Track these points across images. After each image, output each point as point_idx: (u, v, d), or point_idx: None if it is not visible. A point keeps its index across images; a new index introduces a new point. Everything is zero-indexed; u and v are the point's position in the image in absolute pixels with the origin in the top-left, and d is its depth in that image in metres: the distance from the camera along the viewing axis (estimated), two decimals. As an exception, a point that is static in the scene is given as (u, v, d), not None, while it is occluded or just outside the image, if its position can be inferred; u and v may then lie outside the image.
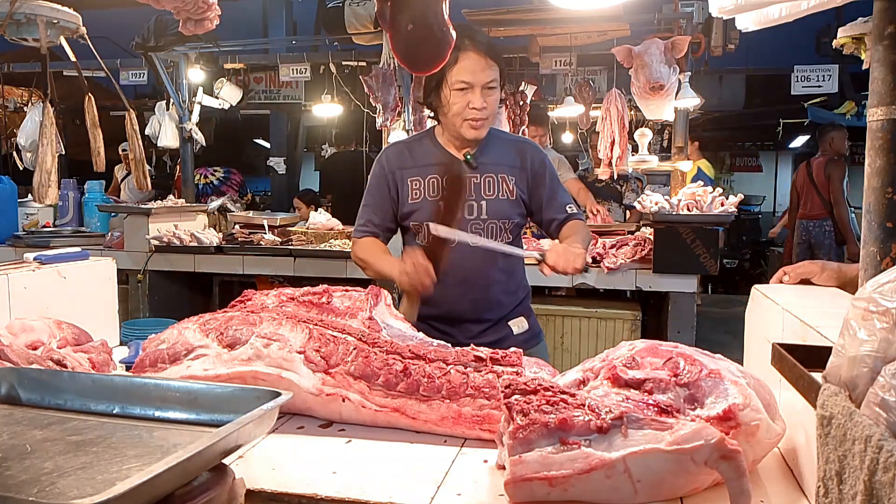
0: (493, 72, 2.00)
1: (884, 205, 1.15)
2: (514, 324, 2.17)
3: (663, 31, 4.78)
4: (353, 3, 4.99)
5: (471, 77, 1.99)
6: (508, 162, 2.14)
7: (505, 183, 2.11)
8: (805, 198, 6.79)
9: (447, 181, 2.01)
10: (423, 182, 2.12)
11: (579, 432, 1.11)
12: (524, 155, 2.16)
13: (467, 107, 2.01)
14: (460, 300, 2.09)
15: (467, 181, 2.05)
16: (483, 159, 2.13)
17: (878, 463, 0.70)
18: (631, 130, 5.05)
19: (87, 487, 0.90)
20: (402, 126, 5.38)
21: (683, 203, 4.02)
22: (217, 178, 6.98)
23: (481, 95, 2.00)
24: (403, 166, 2.16)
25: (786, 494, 1.21)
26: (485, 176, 2.11)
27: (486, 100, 2.01)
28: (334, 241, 4.78)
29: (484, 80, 1.99)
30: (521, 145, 2.22)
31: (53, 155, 2.68)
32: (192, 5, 2.18)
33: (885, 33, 1.15)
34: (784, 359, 1.02)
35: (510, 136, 2.30)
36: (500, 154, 2.15)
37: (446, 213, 1.93)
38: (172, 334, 1.58)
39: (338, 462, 1.31)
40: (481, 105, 2.00)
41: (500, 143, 2.19)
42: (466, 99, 2.01)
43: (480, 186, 2.10)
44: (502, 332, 2.15)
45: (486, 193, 2.10)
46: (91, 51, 2.79)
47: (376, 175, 2.22)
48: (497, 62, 2.02)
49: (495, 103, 2.05)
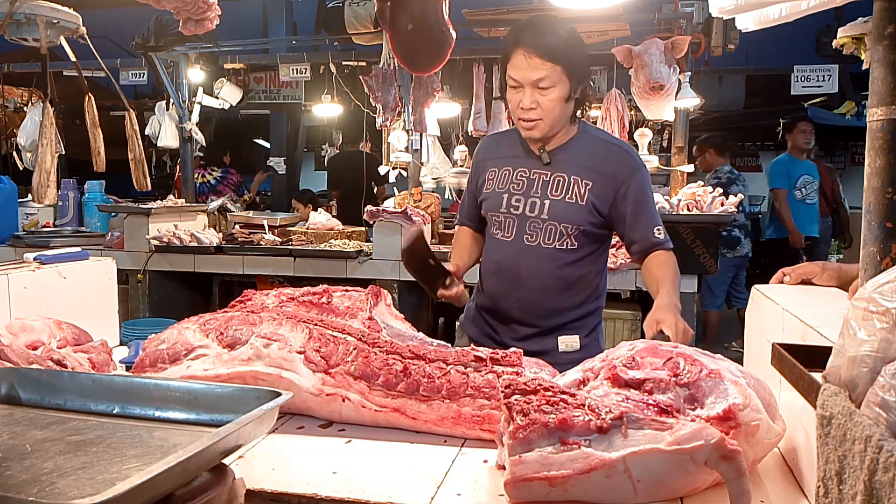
0: (543, 71, 1.88)
1: (884, 205, 1.15)
2: (563, 340, 2.05)
3: (663, 31, 4.78)
4: (353, 3, 4.99)
5: (519, 75, 1.91)
6: (590, 164, 1.99)
7: (577, 185, 1.98)
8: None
9: (408, 240, 1.99)
10: (497, 172, 2.09)
11: (579, 432, 1.11)
12: (612, 159, 2.00)
13: (518, 106, 1.95)
14: (508, 297, 2.03)
15: (421, 239, 2.00)
16: (560, 156, 2.02)
17: (878, 463, 0.70)
18: (631, 130, 5.05)
19: (87, 487, 0.90)
20: (402, 126, 5.38)
21: (683, 203, 4.03)
22: (214, 177, 6.98)
23: (531, 94, 1.91)
24: (488, 157, 2.15)
25: (786, 494, 1.21)
26: (555, 175, 2.00)
27: (537, 99, 1.91)
28: (334, 241, 4.79)
29: (532, 78, 1.89)
30: (612, 148, 2.04)
31: (53, 155, 2.68)
32: (192, 5, 2.18)
33: (885, 33, 1.15)
34: (784, 359, 1.02)
35: (605, 138, 2.12)
36: (584, 155, 2.01)
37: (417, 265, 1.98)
38: (172, 334, 1.58)
39: (338, 462, 1.31)
40: (529, 105, 1.92)
41: (589, 142, 2.04)
42: (518, 97, 1.94)
43: (548, 185, 2.00)
44: (548, 344, 2.04)
45: (552, 193, 1.99)
46: (91, 51, 2.79)
47: (472, 165, 2.25)
48: (553, 61, 1.88)
49: (553, 104, 1.91)
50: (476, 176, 2.18)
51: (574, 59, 1.92)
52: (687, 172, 4.95)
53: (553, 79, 1.89)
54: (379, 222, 4.48)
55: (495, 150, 2.15)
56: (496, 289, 2.08)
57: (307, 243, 4.82)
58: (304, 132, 10.19)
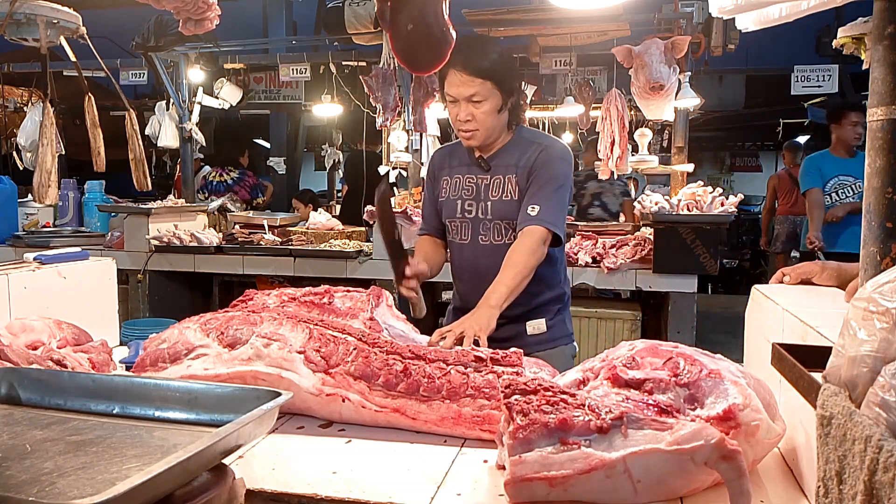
0: (474, 87, 2.06)
1: (884, 205, 1.15)
2: (531, 324, 2.22)
3: (663, 31, 4.78)
4: (353, 3, 4.99)
5: (454, 91, 2.09)
6: (518, 163, 2.18)
7: (510, 184, 2.17)
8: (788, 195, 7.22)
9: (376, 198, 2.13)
10: (450, 181, 2.28)
11: (579, 432, 1.11)
12: (532, 154, 2.16)
13: (456, 118, 2.13)
14: (474, 294, 2.10)
15: (388, 197, 2.17)
16: (497, 161, 2.21)
17: (878, 463, 0.70)
18: (631, 130, 5.05)
19: (87, 487, 0.90)
20: (401, 126, 5.38)
21: (683, 203, 4.02)
22: (232, 177, 6.98)
23: (466, 108, 2.09)
24: (442, 167, 2.33)
25: (786, 494, 1.21)
26: (494, 177, 2.20)
27: (472, 112, 2.08)
28: (334, 241, 4.79)
29: (465, 94, 2.07)
30: (536, 147, 2.19)
31: (53, 155, 2.68)
32: (192, 5, 2.18)
33: (885, 33, 1.15)
34: (784, 359, 1.02)
35: (533, 138, 2.25)
36: (515, 155, 2.19)
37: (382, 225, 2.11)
38: (173, 334, 1.58)
39: (338, 462, 1.31)
40: (465, 117, 2.10)
41: (521, 144, 2.21)
42: (455, 111, 2.12)
43: (489, 188, 2.19)
44: (516, 329, 2.19)
45: (492, 195, 2.19)
46: (91, 51, 2.79)
47: (427, 177, 2.42)
48: (483, 77, 2.05)
49: (486, 115, 2.09)
50: (432, 186, 2.35)
51: (504, 75, 2.10)
52: (687, 172, 4.96)
53: (483, 93, 2.07)
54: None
55: (448, 160, 2.32)
56: (463, 289, 2.28)
57: (307, 243, 4.82)
58: (304, 132, 10.19)
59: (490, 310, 1.90)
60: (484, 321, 1.84)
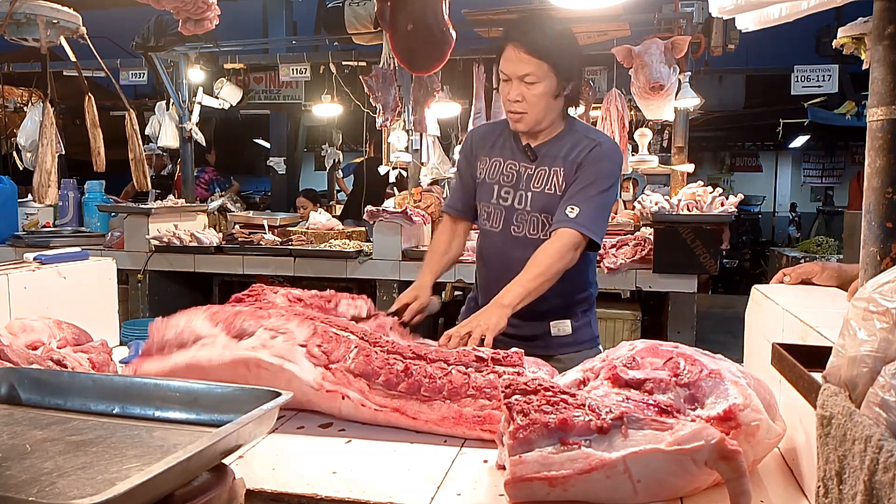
0: (530, 66, 1.95)
1: (884, 205, 1.15)
2: (555, 325, 2.13)
3: (663, 31, 4.78)
4: (353, 3, 4.99)
5: (508, 68, 1.99)
6: (567, 155, 2.06)
7: (556, 177, 2.06)
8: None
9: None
10: (489, 162, 2.16)
11: (579, 432, 1.11)
12: (583, 150, 2.05)
13: (506, 98, 2.02)
14: (498, 284, 2.03)
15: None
16: (545, 151, 2.09)
17: (878, 463, 0.70)
18: (631, 130, 5.05)
19: (87, 487, 0.90)
20: (402, 126, 5.38)
21: (683, 203, 4.03)
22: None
23: (518, 88, 1.98)
24: (483, 146, 2.21)
25: (786, 494, 1.21)
26: (539, 168, 2.08)
27: (523, 93, 1.98)
28: (334, 241, 4.79)
29: (519, 72, 1.96)
30: (588, 142, 2.08)
31: (53, 155, 2.68)
32: (192, 5, 2.18)
33: (885, 33, 1.15)
34: (784, 359, 1.02)
35: (586, 133, 2.13)
36: (565, 148, 2.07)
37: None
38: (181, 321, 1.57)
39: (338, 462, 1.31)
40: (515, 97, 1.99)
41: (571, 136, 2.09)
42: (507, 90, 2.01)
43: (531, 178, 2.08)
44: (539, 329, 2.11)
45: (534, 186, 2.07)
46: (91, 51, 2.79)
47: (463, 152, 2.28)
48: (540, 57, 1.94)
49: (538, 98, 1.98)
50: (468, 164, 2.23)
51: (563, 57, 1.97)
52: (687, 172, 4.96)
53: (539, 74, 1.95)
54: (379, 222, 4.49)
55: (490, 140, 2.20)
56: (487, 273, 2.19)
57: (307, 243, 4.82)
58: (304, 132, 10.20)
59: (502, 309, 1.83)
60: (493, 320, 1.79)
